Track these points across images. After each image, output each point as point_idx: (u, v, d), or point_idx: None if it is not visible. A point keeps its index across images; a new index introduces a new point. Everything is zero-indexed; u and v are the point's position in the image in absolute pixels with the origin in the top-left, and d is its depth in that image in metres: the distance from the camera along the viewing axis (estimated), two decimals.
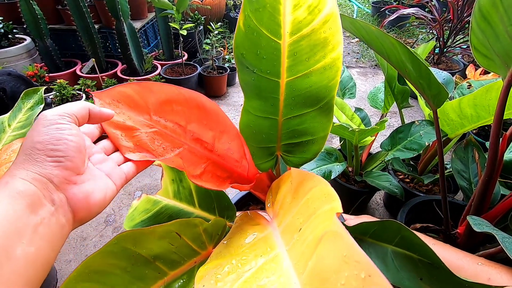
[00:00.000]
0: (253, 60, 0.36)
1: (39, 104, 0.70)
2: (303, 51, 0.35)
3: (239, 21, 0.34)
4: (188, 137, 0.38)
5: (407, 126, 0.85)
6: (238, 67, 0.37)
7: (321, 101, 0.38)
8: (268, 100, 0.39)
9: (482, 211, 0.58)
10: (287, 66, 0.36)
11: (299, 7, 0.33)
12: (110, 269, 0.30)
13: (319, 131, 0.41)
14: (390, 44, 0.47)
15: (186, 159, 0.37)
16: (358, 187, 0.97)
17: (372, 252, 0.40)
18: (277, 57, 0.35)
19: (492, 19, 0.42)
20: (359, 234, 0.43)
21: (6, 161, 0.53)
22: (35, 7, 1.52)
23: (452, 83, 0.89)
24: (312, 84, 0.37)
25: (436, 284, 0.33)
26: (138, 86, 0.36)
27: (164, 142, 0.37)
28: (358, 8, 3.42)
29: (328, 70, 0.36)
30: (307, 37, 0.34)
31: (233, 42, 0.35)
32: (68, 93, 1.50)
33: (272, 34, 0.34)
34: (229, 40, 2.57)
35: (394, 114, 1.72)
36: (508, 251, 0.38)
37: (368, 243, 0.41)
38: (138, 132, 0.35)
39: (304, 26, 0.33)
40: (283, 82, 0.37)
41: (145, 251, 0.32)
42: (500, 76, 0.47)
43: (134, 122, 0.36)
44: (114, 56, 1.93)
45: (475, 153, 0.75)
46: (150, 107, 0.36)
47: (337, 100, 0.85)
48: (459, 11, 1.78)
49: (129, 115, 0.36)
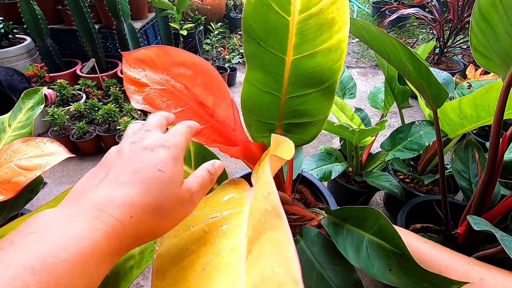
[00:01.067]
0: (261, 32, 0.36)
1: (39, 104, 0.70)
2: (310, 29, 0.35)
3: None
4: (192, 99, 0.41)
5: (407, 126, 0.85)
6: (245, 37, 0.38)
7: (324, 83, 0.38)
8: (272, 74, 0.39)
9: (482, 211, 0.58)
10: (294, 44, 0.36)
11: None
12: None
13: (319, 113, 0.41)
14: (390, 44, 0.47)
15: (187, 118, 0.40)
16: (358, 187, 0.97)
17: (349, 240, 0.41)
18: (285, 34, 0.36)
19: (492, 20, 0.42)
20: (341, 221, 0.44)
21: (7, 161, 0.53)
22: (35, 7, 1.52)
23: (452, 83, 0.89)
24: (317, 65, 0.37)
25: (403, 277, 0.34)
26: (158, 49, 0.40)
27: (169, 99, 0.40)
28: (358, 8, 3.42)
29: (333, 51, 0.36)
30: (315, 16, 0.34)
31: (243, 13, 0.36)
32: (68, 93, 1.50)
33: (282, 10, 0.34)
34: (229, 40, 2.57)
35: (394, 114, 1.72)
36: (507, 249, 0.38)
37: (348, 230, 0.42)
38: (148, 88, 0.39)
39: (313, 5, 0.34)
40: (289, 60, 0.38)
41: None
42: (500, 77, 0.47)
43: (148, 80, 0.40)
44: (114, 56, 1.93)
45: (475, 153, 0.75)
46: (165, 68, 0.40)
47: (337, 100, 0.85)
48: (459, 11, 1.78)
49: (146, 74, 0.40)
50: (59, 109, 1.32)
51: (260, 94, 0.42)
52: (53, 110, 1.30)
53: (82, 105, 1.42)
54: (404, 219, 0.77)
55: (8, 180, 0.49)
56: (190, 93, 0.41)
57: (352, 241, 0.41)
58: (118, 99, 1.50)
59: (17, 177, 0.49)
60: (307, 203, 0.67)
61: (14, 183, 0.49)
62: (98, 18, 1.84)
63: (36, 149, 0.54)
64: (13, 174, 0.50)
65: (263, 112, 0.43)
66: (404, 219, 0.77)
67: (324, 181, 0.84)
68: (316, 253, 0.44)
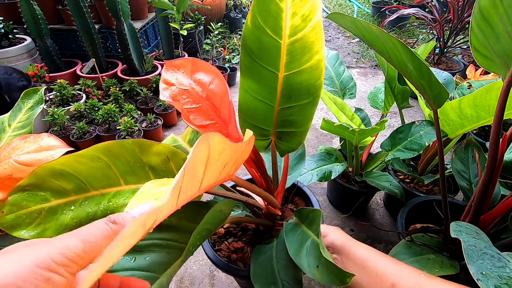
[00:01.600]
0: (257, 51, 0.44)
1: (39, 104, 0.70)
2: (297, 50, 0.42)
3: (248, 19, 0.41)
4: (205, 99, 0.51)
5: (407, 126, 0.85)
6: (242, 51, 0.44)
7: (310, 97, 0.46)
8: (266, 87, 0.46)
9: (482, 211, 0.58)
10: (285, 63, 0.43)
11: (296, 15, 0.40)
12: (120, 154, 0.40)
13: (305, 123, 0.48)
14: (391, 44, 0.47)
15: (199, 113, 0.50)
16: (358, 187, 0.97)
17: (299, 237, 0.48)
18: (278, 54, 0.43)
19: (492, 20, 0.42)
20: (300, 221, 0.53)
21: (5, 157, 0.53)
22: (35, 7, 1.52)
23: (453, 83, 0.89)
24: (303, 81, 0.44)
25: (324, 274, 0.39)
26: (190, 60, 0.52)
27: (188, 98, 0.50)
28: (359, 8, 3.42)
29: (315, 70, 0.43)
30: (300, 40, 0.42)
31: (242, 33, 0.43)
32: (68, 93, 1.50)
33: (275, 34, 0.42)
34: (229, 40, 2.57)
35: (394, 114, 1.72)
36: (468, 257, 0.39)
37: (302, 230, 0.50)
38: (174, 87, 0.50)
39: (299, 31, 0.41)
40: (281, 76, 0.45)
41: (144, 159, 0.42)
42: (500, 77, 0.47)
43: (176, 81, 0.51)
44: (114, 56, 1.93)
45: (475, 154, 0.75)
46: (191, 74, 0.52)
47: (337, 100, 0.85)
48: (460, 11, 1.78)
49: (177, 77, 0.51)
50: (59, 109, 1.32)
51: (255, 102, 0.48)
52: (53, 110, 1.30)
53: (82, 105, 1.42)
54: (404, 219, 0.77)
55: (9, 175, 0.49)
56: (204, 94, 0.51)
57: (301, 239, 0.48)
58: (118, 99, 1.49)
59: (18, 172, 0.49)
60: None
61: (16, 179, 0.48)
62: (98, 18, 1.84)
63: (34, 144, 0.54)
64: (13, 170, 0.49)
65: (258, 118, 0.50)
66: (404, 219, 0.77)
67: (324, 181, 0.84)
68: (280, 250, 0.52)
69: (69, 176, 0.37)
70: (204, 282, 0.90)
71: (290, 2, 0.40)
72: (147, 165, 0.42)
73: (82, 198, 0.38)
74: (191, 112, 0.49)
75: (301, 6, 0.40)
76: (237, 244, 0.66)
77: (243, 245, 0.66)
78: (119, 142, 0.40)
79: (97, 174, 0.39)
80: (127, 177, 0.41)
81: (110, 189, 0.40)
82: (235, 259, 0.64)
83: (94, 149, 0.38)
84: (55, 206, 0.36)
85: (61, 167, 0.36)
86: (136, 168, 0.42)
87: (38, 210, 0.35)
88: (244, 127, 0.51)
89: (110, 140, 0.39)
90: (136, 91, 1.61)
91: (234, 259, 0.64)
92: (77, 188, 0.38)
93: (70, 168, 0.37)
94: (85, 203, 0.38)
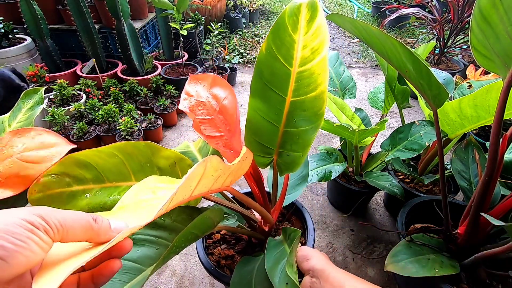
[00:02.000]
0: (268, 75, 0.48)
1: (39, 104, 0.70)
2: (304, 79, 0.46)
3: (263, 46, 0.46)
4: (217, 112, 0.55)
5: (407, 126, 0.85)
6: (254, 75, 0.48)
7: (312, 124, 0.49)
8: (274, 109, 0.50)
9: (482, 211, 0.58)
10: (293, 89, 0.47)
11: (306, 47, 0.44)
12: (133, 154, 0.46)
13: (305, 147, 0.51)
14: (390, 44, 0.48)
15: (210, 124, 0.54)
16: (358, 187, 0.97)
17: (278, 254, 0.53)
18: (287, 80, 0.47)
19: (492, 20, 0.42)
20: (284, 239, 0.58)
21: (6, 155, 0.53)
22: (35, 7, 1.52)
23: (453, 83, 0.89)
24: (307, 108, 0.48)
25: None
26: (210, 75, 0.58)
27: (203, 109, 0.55)
28: (359, 8, 3.42)
29: (318, 99, 0.46)
30: (308, 70, 0.45)
31: (256, 59, 0.47)
32: (69, 93, 1.50)
33: (287, 62, 0.46)
34: (229, 40, 2.57)
35: (394, 114, 1.72)
36: None
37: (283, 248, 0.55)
38: (193, 98, 0.55)
39: (307, 62, 0.45)
40: (289, 100, 0.48)
41: (154, 161, 0.47)
42: (500, 77, 0.47)
43: (195, 93, 0.56)
44: (114, 56, 1.93)
45: (475, 154, 0.75)
46: (209, 88, 0.57)
47: (337, 100, 0.85)
48: (460, 11, 1.78)
49: (197, 89, 0.56)
50: (59, 109, 1.32)
51: (262, 121, 0.52)
52: (53, 110, 1.30)
53: (82, 105, 1.42)
54: (404, 219, 0.77)
55: (16, 174, 0.48)
56: (218, 108, 0.55)
57: (279, 256, 0.52)
58: (118, 99, 1.50)
59: (25, 170, 0.49)
60: None
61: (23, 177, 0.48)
62: (98, 18, 1.84)
63: (33, 140, 0.53)
64: (19, 169, 0.49)
65: (263, 136, 0.53)
66: (404, 219, 0.77)
67: (324, 181, 0.84)
68: (263, 265, 0.55)
69: (90, 167, 0.43)
70: (204, 282, 0.90)
71: (303, 35, 0.44)
72: (156, 166, 0.48)
73: (98, 187, 0.44)
74: (203, 123, 0.53)
75: (311, 40, 0.44)
76: (228, 251, 0.69)
77: (234, 253, 0.69)
78: (134, 143, 0.46)
79: (113, 168, 0.44)
80: (138, 174, 0.46)
81: (122, 183, 0.46)
82: (223, 265, 0.66)
83: (112, 147, 0.44)
84: (75, 192, 0.42)
85: (84, 158, 0.42)
86: (146, 167, 0.47)
87: (62, 193, 0.42)
88: (249, 142, 0.54)
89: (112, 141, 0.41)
90: (136, 91, 1.61)
91: (222, 265, 0.66)
92: (95, 178, 0.44)
93: (92, 160, 0.43)
94: (100, 193, 0.44)
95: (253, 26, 2.90)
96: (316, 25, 0.43)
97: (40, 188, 0.40)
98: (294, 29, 0.44)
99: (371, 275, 0.92)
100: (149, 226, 0.44)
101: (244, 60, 2.34)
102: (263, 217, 0.60)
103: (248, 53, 2.43)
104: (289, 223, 0.77)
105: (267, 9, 3.28)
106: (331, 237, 1.03)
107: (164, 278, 0.91)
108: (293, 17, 0.43)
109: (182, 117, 1.69)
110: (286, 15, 0.43)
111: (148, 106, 1.57)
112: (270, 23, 3.00)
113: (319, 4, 0.43)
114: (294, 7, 0.43)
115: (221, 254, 0.68)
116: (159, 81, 1.67)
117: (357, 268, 0.93)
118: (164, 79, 1.74)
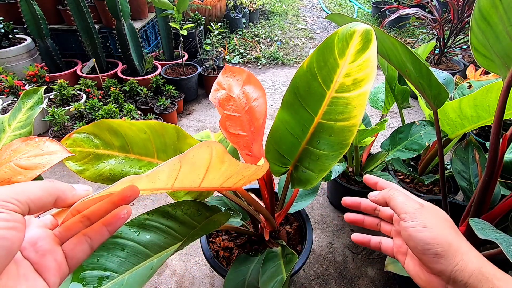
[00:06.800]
0: (303, 92, 0.48)
1: (39, 104, 0.70)
2: (338, 106, 0.45)
3: (304, 63, 0.46)
4: (245, 111, 0.55)
5: (407, 127, 0.85)
6: (289, 89, 0.49)
7: (335, 151, 0.47)
8: (300, 124, 0.50)
9: (482, 211, 0.58)
10: (324, 111, 0.47)
11: (349, 76, 0.43)
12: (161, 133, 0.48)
13: (321, 170, 0.50)
14: (390, 44, 0.47)
15: (236, 122, 0.54)
16: (358, 188, 0.97)
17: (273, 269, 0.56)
18: (320, 101, 0.46)
19: (492, 20, 0.42)
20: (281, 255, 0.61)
21: (6, 160, 0.53)
22: (35, 7, 1.52)
23: (453, 83, 0.89)
24: (334, 134, 0.47)
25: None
26: (246, 71, 0.58)
27: (232, 105, 0.56)
28: (359, 8, 3.42)
29: (347, 130, 0.45)
30: (345, 98, 0.44)
31: (295, 74, 0.48)
32: (69, 93, 1.50)
33: (324, 84, 0.45)
34: (229, 40, 2.57)
35: (394, 115, 1.72)
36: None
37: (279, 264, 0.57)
38: (224, 91, 0.56)
39: (346, 90, 0.44)
40: (317, 120, 0.48)
41: (178, 145, 0.49)
42: (500, 77, 0.47)
43: (227, 86, 0.57)
44: (114, 56, 1.93)
45: (475, 154, 0.75)
46: (242, 84, 0.57)
47: None
48: (460, 11, 1.78)
49: (230, 83, 0.57)
50: (59, 109, 1.32)
51: (286, 133, 0.52)
52: (53, 110, 1.30)
53: (82, 105, 1.42)
54: None
55: (8, 179, 0.49)
56: (247, 107, 0.56)
57: (274, 272, 0.54)
58: (118, 99, 1.49)
59: (17, 176, 0.49)
60: (291, 239, 0.78)
61: (14, 182, 0.49)
62: (98, 18, 1.84)
63: (36, 148, 0.54)
64: (12, 174, 0.49)
65: (284, 147, 0.54)
66: None
67: (324, 181, 0.84)
68: (258, 269, 0.58)
69: (119, 135, 0.46)
70: (204, 282, 0.90)
71: (348, 63, 0.42)
72: (179, 150, 0.50)
73: (122, 156, 0.47)
74: (230, 119, 0.54)
75: (357, 70, 0.42)
76: (228, 243, 0.71)
77: (234, 246, 0.71)
78: (164, 124, 0.48)
79: (140, 142, 0.47)
80: (160, 153, 0.49)
81: (145, 158, 0.48)
82: (221, 256, 0.69)
83: (144, 123, 0.47)
84: (101, 154, 0.45)
85: (117, 127, 0.45)
86: (169, 149, 0.49)
87: (88, 152, 0.44)
88: (269, 149, 0.55)
89: None
90: (136, 91, 1.61)
91: (221, 255, 0.69)
92: (122, 147, 0.46)
93: (123, 130, 0.45)
94: (123, 162, 0.46)
95: (253, 26, 2.90)
96: (365, 57, 0.41)
97: (70, 143, 0.43)
98: (341, 54, 0.42)
99: (371, 275, 0.91)
100: (161, 214, 0.46)
101: (244, 60, 2.34)
102: (268, 220, 0.62)
103: (248, 53, 2.43)
104: (290, 227, 0.79)
105: (267, 9, 3.28)
106: (331, 237, 1.03)
107: (164, 278, 0.91)
108: (343, 42, 0.42)
109: (182, 117, 1.69)
110: (336, 37, 0.42)
111: (148, 106, 1.57)
112: (270, 23, 3.00)
113: (374, 36, 0.40)
114: (347, 32, 0.41)
115: (221, 245, 0.71)
116: (159, 81, 1.67)
117: (357, 268, 0.93)
118: (164, 79, 1.74)
